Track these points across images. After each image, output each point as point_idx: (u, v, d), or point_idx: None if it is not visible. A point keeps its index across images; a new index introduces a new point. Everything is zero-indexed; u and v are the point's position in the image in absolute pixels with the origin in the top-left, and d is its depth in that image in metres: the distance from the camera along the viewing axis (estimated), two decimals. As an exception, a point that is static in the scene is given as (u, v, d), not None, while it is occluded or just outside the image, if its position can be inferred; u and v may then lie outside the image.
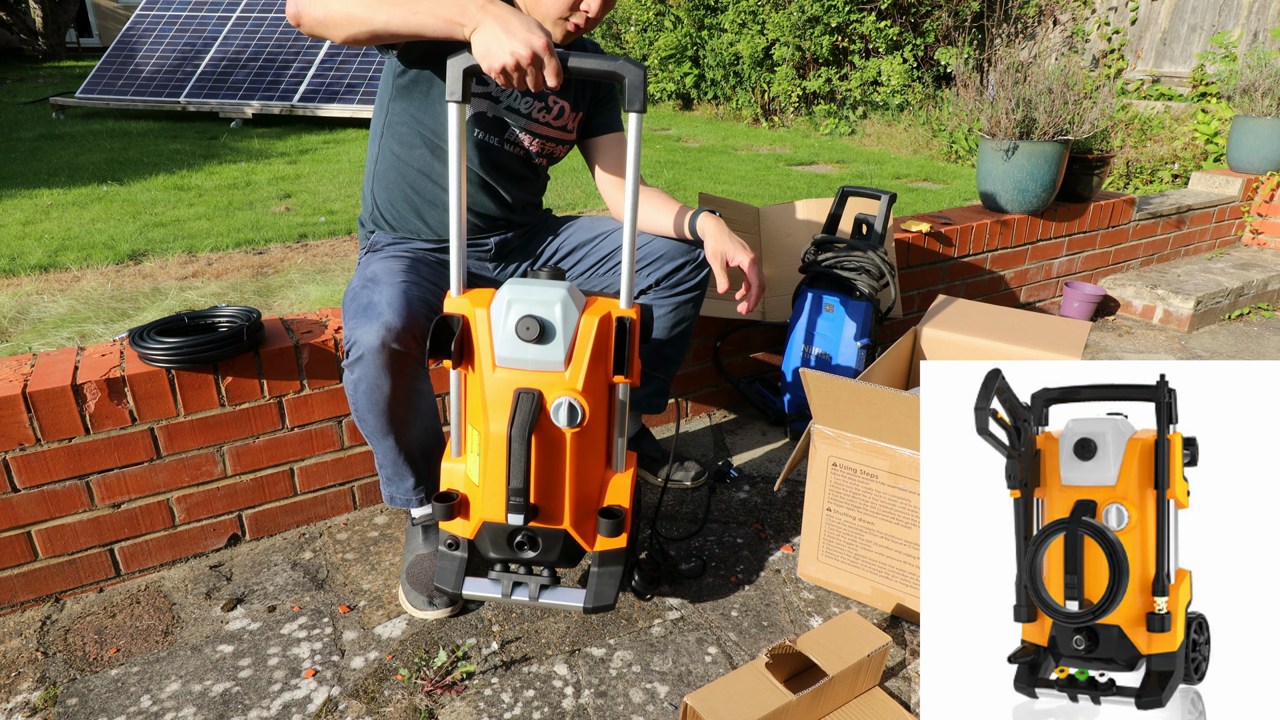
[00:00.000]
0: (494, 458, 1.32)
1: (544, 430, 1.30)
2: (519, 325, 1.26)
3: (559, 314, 1.27)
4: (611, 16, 9.73)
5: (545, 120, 1.66)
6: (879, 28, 6.66)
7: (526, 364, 1.30)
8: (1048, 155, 2.76)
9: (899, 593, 1.55)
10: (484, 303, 1.32)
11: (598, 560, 1.41)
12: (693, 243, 1.73)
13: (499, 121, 1.61)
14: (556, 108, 1.66)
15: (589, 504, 1.41)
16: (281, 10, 7.97)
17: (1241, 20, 5.66)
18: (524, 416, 1.25)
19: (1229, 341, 3.01)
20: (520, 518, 1.29)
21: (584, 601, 1.40)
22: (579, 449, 1.34)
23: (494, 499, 1.35)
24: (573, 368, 1.30)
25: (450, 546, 1.41)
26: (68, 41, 13.89)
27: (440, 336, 1.29)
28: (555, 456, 1.32)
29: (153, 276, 3.28)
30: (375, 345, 1.35)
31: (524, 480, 1.26)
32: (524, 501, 1.28)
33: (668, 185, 5.02)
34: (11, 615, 1.57)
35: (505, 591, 1.41)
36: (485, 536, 1.39)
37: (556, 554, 1.39)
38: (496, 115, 1.61)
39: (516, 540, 1.38)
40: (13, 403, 1.45)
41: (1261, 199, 3.72)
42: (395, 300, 1.38)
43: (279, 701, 1.37)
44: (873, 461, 1.49)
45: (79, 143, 6.16)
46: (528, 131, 1.65)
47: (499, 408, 1.30)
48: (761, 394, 2.37)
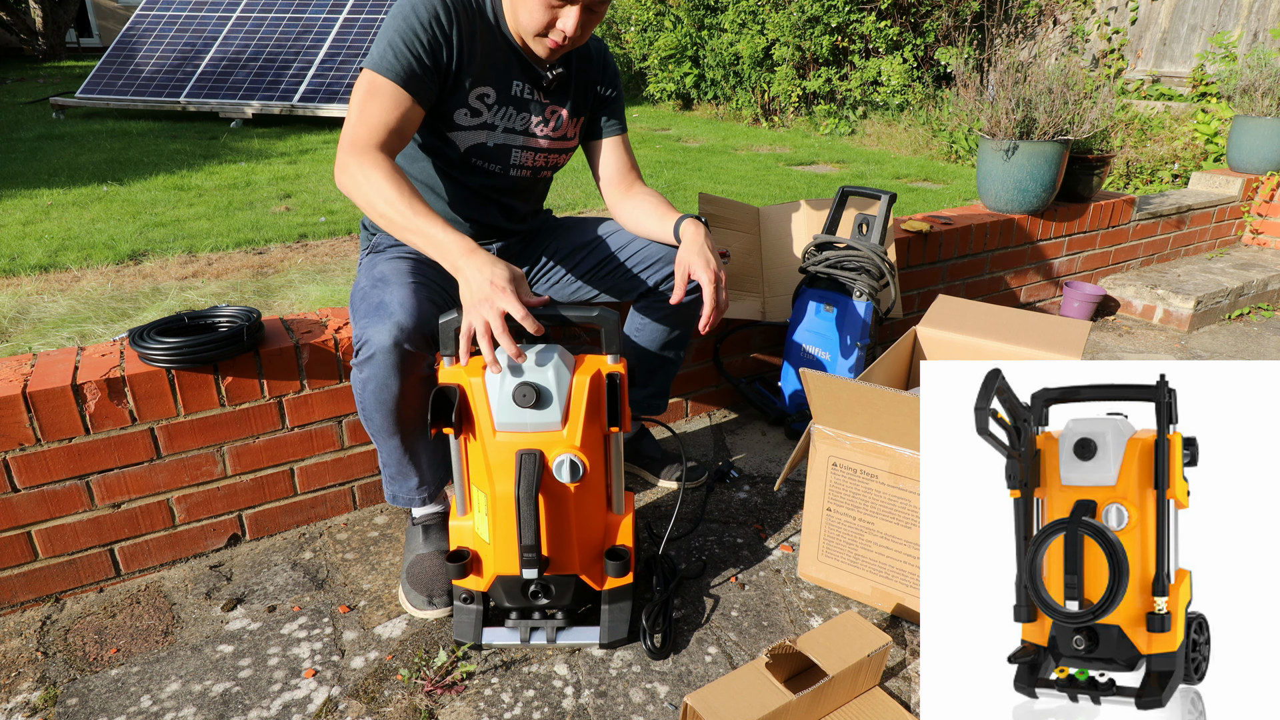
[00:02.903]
0: (503, 517, 1.37)
1: (548, 487, 1.35)
2: (515, 393, 1.30)
3: (553, 378, 1.32)
4: (611, 16, 9.73)
5: (545, 134, 1.66)
6: (879, 28, 6.66)
7: (526, 427, 1.33)
8: (1048, 155, 2.76)
9: (899, 593, 1.55)
10: (477, 371, 1.34)
11: (608, 598, 1.47)
12: None
13: (501, 149, 1.62)
14: (554, 119, 1.66)
15: (595, 548, 1.46)
16: (281, 10, 7.97)
17: (1241, 20, 5.66)
18: (529, 478, 1.29)
19: (1229, 341, 3.01)
20: (534, 571, 1.33)
21: (599, 638, 1.46)
22: (582, 500, 1.39)
23: (506, 554, 1.40)
24: (570, 426, 1.34)
25: (465, 600, 1.46)
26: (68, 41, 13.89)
27: (439, 407, 1.33)
28: (561, 510, 1.37)
29: (153, 276, 3.28)
30: (388, 345, 1.36)
31: (535, 537, 1.30)
32: (536, 556, 1.31)
33: (667, 185, 5.02)
34: (11, 615, 1.57)
35: (524, 637, 1.47)
36: (500, 588, 1.44)
37: (569, 598, 1.44)
38: (497, 144, 1.61)
39: (531, 590, 1.43)
40: (13, 403, 1.45)
41: (1261, 199, 3.72)
42: (407, 300, 1.38)
43: (279, 701, 1.37)
44: (873, 461, 1.49)
45: (79, 143, 6.16)
46: (529, 149, 1.65)
47: (503, 470, 1.34)
48: (761, 394, 2.37)
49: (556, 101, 1.65)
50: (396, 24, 1.44)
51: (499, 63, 1.55)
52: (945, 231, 2.73)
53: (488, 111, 1.57)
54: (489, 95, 1.56)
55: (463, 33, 1.48)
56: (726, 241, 2.31)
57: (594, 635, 1.47)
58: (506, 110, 1.59)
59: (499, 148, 1.61)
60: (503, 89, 1.57)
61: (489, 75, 1.55)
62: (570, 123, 1.69)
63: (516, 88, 1.59)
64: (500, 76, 1.56)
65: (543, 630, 1.47)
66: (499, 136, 1.60)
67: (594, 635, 1.47)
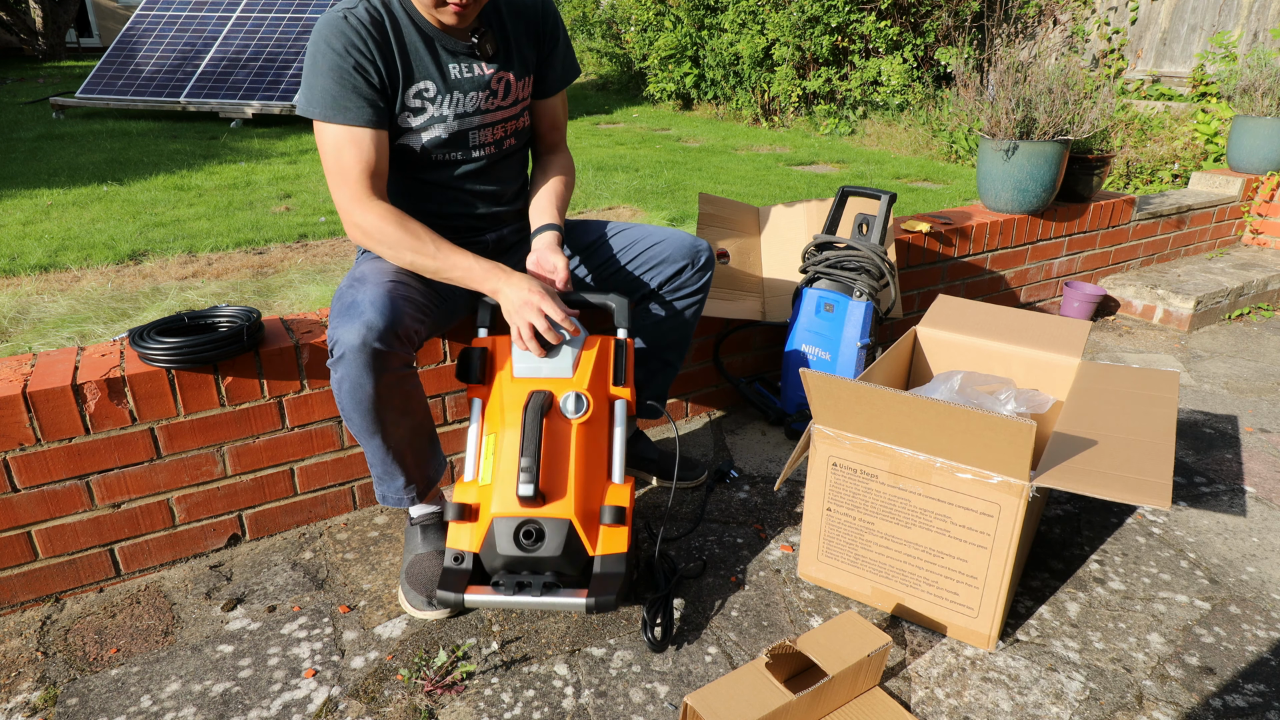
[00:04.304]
0: (509, 446, 1.47)
1: (553, 422, 1.48)
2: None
3: (567, 337, 1.52)
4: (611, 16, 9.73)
5: (496, 105, 1.62)
6: (879, 28, 6.66)
7: (540, 373, 1.52)
8: (1048, 155, 2.76)
9: (899, 593, 1.55)
10: (504, 337, 1.59)
11: (600, 563, 1.45)
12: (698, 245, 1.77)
13: (458, 136, 1.59)
14: (501, 85, 1.61)
15: (592, 504, 1.46)
16: (281, 10, 7.97)
17: (1241, 20, 5.66)
18: (538, 401, 1.45)
19: (1229, 341, 3.01)
20: (530, 488, 1.39)
21: (586, 599, 1.42)
22: (583, 439, 1.49)
23: (506, 490, 1.44)
24: (579, 373, 1.52)
25: (457, 560, 1.46)
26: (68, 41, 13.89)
27: (463, 364, 1.55)
28: (562, 446, 1.47)
29: (153, 276, 3.28)
30: (356, 344, 1.36)
31: (535, 455, 1.40)
32: (534, 474, 1.39)
33: (667, 185, 5.01)
34: (11, 615, 1.57)
35: (509, 590, 1.43)
36: (493, 537, 1.42)
37: (560, 546, 1.41)
38: (452, 132, 1.58)
39: (524, 532, 1.42)
40: (13, 403, 1.45)
41: (1261, 199, 3.72)
42: (379, 300, 1.38)
43: (279, 701, 1.37)
44: (873, 461, 1.49)
45: (79, 143, 6.16)
46: (484, 127, 1.62)
47: (516, 407, 1.49)
48: (761, 394, 2.37)
49: (501, 66, 1.60)
50: (318, 64, 1.43)
51: (424, 54, 1.52)
52: (945, 231, 2.73)
53: (433, 105, 1.55)
54: (427, 89, 1.53)
55: (379, 44, 1.46)
56: (726, 241, 2.31)
57: (581, 598, 1.42)
58: (451, 96, 1.56)
59: (454, 135, 1.59)
60: (440, 78, 1.54)
61: (421, 70, 1.52)
62: (518, 85, 1.65)
63: (454, 70, 1.55)
64: (431, 67, 1.53)
65: (530, 588, 1.43)
66: (452, 124, 1.58)
67: (581, 598, 1.42)
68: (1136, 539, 1.83)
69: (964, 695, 1.39)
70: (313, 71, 1.44)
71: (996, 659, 1.47)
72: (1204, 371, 2.72)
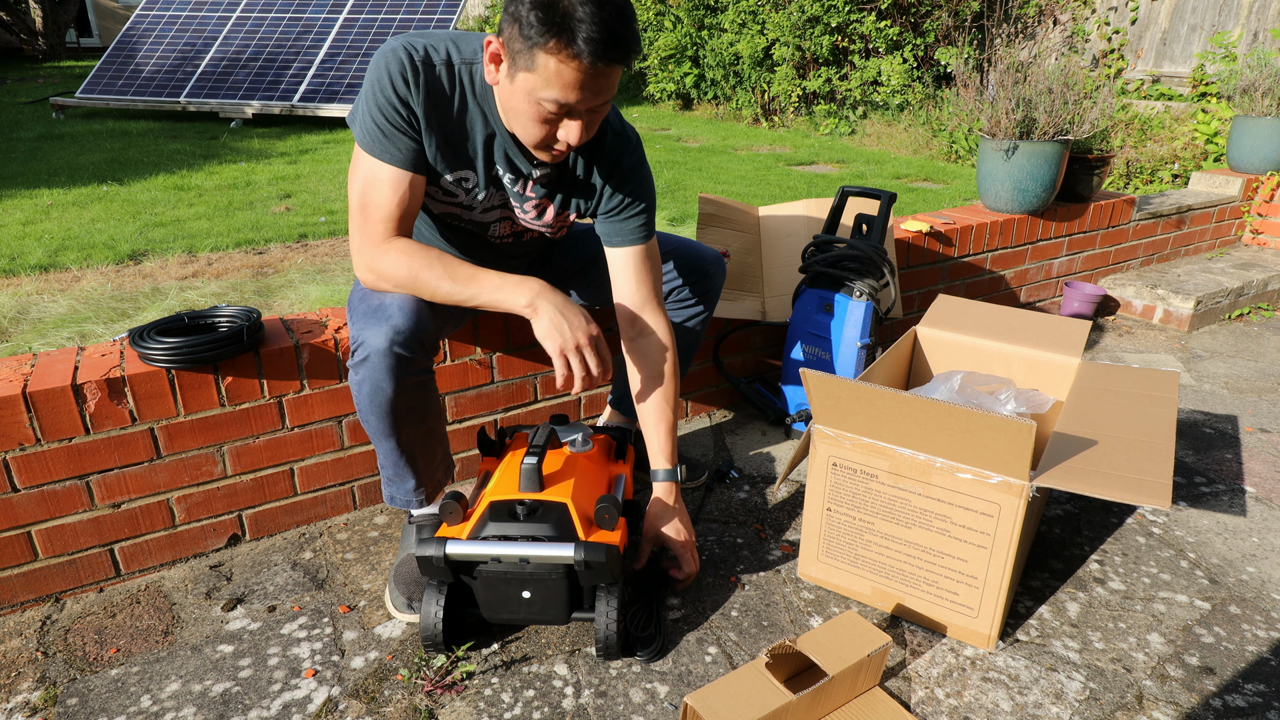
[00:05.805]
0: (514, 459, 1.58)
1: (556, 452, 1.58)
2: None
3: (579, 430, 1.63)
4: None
5: (528, 221, 1.57)
6: (879, 28, 6.66)
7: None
8: (1048, 155, 2.76)
9: (899, 593, 1.55)
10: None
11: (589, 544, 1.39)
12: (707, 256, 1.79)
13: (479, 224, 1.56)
14: (539, 209, 1.54)
15: (587, 509, 1.46)
16: (281, 10, 7.97)
17: (1241, 20, 5.66)
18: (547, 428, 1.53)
19: (1229, 341, 3.01)
20: (534, 459, 1.44)
21: (575, 550, 1.36)
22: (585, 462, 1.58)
23: (505, 485, 1.49)
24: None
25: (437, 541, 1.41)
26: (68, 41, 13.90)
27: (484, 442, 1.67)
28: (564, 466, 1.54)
29: (153, 276, 3.28)
30: (383, 348, 1.35)
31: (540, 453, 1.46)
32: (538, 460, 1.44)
33: (668, 185, 5.01)
34: (11, 615, 1.57)
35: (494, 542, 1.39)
36: (487, 516, 1.42)
37: (552, 524, 1.40)
38: (474, 220, 1.54)
39: (520, 506, 1.43)
40: (13, 403, 1.45)
41: (1261, 199, 3.72)
42: (405, 304, 1.38)
43: (279, 701, 1.37)
44: (873, 461, 1.49)
45: (79, 143, 6.16)
46: (509, 220, 1.58)
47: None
48: (761, 394, 2.37)
49: (546, 195, 1.52)
50: (373, 93, 1.33)
51: (480, 145, 1.43)
52: (945, 231, 2.73)
53: (465, 195, 1.49)
54: (468, 179, 1.46)
55: (432, 113, 1.36)
56: (726, 241, 2.31)
57: (569, 548, 1.37)
58: (488, 192, 1.49)
59: (475, 222, 1.55)
60: (485, 173, 1.46)
61: (468, 159, 1.44)
62: (558, 215, 1.57)
63: (500, 171, 1.48)
64: (482, 161, 1.45)
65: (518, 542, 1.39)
66: (476, 215, 1.53)
67: (569, 548, 1.37)
68: (1136, 539, 1.83)
69: (964, 695, 1.39)
70: (367, 94, 1.34)
71: (996, 659, 1.47)
72: (1204, 371, 2.72)
